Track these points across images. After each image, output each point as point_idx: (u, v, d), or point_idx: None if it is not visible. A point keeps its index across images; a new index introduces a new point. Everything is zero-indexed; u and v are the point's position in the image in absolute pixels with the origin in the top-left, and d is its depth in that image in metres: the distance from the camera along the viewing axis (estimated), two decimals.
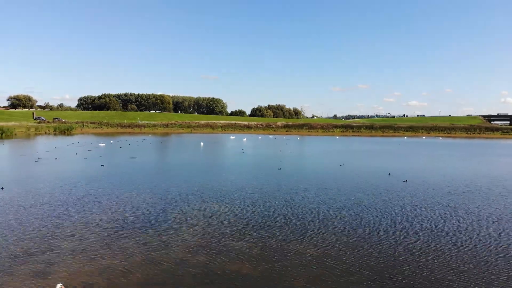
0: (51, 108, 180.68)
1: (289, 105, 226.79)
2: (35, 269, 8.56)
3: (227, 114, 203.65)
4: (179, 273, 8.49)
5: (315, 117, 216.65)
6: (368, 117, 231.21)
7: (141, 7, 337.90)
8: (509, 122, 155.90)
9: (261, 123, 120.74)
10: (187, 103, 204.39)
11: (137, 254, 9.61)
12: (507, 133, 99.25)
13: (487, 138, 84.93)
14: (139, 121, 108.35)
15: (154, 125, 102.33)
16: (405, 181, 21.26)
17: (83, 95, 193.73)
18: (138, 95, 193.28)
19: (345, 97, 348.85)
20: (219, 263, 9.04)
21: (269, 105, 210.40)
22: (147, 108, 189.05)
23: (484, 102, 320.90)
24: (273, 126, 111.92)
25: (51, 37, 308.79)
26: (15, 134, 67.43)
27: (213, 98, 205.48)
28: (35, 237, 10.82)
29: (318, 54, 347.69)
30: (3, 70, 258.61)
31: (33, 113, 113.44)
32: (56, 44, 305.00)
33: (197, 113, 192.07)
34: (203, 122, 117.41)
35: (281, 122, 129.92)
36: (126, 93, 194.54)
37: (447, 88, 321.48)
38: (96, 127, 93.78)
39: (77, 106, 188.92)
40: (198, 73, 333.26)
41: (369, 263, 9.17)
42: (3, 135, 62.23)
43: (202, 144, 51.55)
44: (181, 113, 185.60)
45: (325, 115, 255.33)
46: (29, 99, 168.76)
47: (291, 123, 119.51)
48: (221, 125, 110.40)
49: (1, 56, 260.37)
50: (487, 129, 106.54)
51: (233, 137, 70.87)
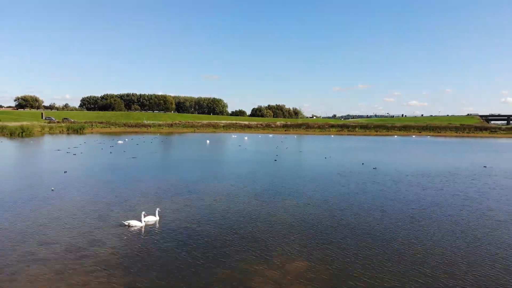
0: (57, 108, 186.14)
1: (289, 105, 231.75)
2: (123, 212, 14.03)
3: (228, 114, 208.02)
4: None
5: (315, 117, 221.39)
6: (367, 117, 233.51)
7: (141, 7, 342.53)
8: (506, 122, 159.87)
9: (261, 123, 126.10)
10: (188, 103, 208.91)
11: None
12: (495, 132, 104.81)
13: (475, 137, 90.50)
14: (145, 121, 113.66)
15: (159, 125, 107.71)
16: (375, 168, 26.97)
17: (83, 95, 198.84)
18: (140, 95, 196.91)
19: (345, 97, 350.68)
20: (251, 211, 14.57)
21: (269, 105, 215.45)
22: (150, 108, 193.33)
23: (484, 102, 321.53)
24: (272, 126, 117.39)
25: (51, 37, 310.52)
26: (33, 133, 72.93)
27: (214, 98, 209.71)
28: (112, 197, 16.36)
29: (318, 54, 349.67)
30: (3, 70, 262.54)
31: (41, 113, 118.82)
32: (56, 44, 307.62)
33: (198, 113, 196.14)
34: (205, 122, 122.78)
35: (280, 122, 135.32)
36: (128, 93, 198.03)
37: (447, 88, 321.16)
38: (104, 127, 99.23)
39: (80, 106, 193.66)
40: (198, 73, 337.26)
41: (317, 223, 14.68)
42: (23, 133, 67.79)
43: (208, 142, 57.30)
44: (183, 113, 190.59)
45: (325, 115, 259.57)
46: (36, 100, 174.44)
47: (289, 123, 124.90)
48: (223, 125, 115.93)
49: (1, 56, 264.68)
50: (477, 129, 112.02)
51: (235, 136, 76.54)
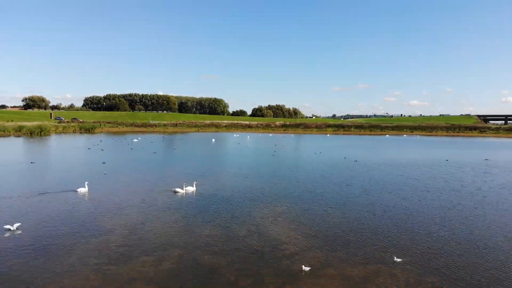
0: (63, 108, 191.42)
1: (289, 105, 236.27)
2: (166, 185, 19.50)
3: (229, 114, 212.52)
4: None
5: (314, 117, 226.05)
6: (366, 116, 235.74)
7: (141, 7, 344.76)
8: (504, 122, 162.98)
9: (261, 122, 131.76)
10: (190, 103, 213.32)
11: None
12: (484, 132, 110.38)
13: (464, 136, 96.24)
14: (151, 121, 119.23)
15: (164, 125, 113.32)
16: (355, 161, 32.58)
17: (84, 95, 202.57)
18: (142, 95, 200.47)
19: (345, 96, 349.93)
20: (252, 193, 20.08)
21: (269, 105, 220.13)
22: (153, 108, 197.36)
23: (484, 101, 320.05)
24: (272, 125, 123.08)
25: (51, 37, 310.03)
26: (49, 132, 78.39)
27: (215, 98, 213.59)
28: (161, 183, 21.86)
29: (318, 54, 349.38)
30: (4, 70, 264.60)
31: (50, 114, 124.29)
32: (56, 44, 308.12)
33: (200, 113, 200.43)
34: (208, 121, 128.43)
35: (279, 122, 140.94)
36: (131, 93, 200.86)
37: (447, 87, 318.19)
38: (112, 127, 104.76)
39: (83, 106, 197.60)
40: (198, 73, 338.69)
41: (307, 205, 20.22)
42: (42, 133, 73.22)
43: (213, 140, 63.05)
44: (185, 113, 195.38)
45: (325, 115, 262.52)
46: (43, 100, 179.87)
47: (288, 123, 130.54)
48: (225, 124, 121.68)
49: (1, 56, 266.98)
50: (467, 128, 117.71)
51: (236, 135, 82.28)
